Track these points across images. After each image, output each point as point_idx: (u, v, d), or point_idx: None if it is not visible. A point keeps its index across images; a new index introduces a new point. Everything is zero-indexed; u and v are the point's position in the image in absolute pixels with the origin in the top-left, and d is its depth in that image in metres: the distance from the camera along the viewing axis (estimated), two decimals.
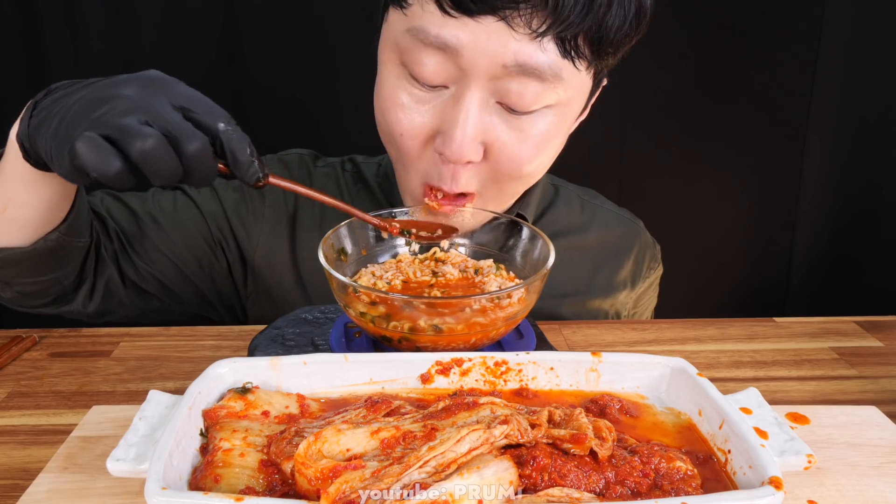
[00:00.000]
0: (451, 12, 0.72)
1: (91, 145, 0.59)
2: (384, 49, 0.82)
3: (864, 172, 1.65)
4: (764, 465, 0.53)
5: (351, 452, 0.53)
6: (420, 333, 0.71)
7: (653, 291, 1.19)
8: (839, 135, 1.63)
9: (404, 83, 0.80)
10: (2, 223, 0.80)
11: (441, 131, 0.79)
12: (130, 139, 0.59)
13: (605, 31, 0.74)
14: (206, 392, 0.62)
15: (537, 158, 0.82)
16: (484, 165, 0.82)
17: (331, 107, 1.60)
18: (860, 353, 0.87)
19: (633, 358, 0.69)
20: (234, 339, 0.91)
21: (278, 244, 1.03)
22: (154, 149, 0.59)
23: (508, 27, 0.72)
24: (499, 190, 0.86)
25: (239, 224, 1.02)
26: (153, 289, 0.99)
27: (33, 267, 0.84)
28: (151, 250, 0.97)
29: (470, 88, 0.76)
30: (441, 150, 0.79)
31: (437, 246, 0.87)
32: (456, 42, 0.73)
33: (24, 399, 0.77)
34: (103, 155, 0.59)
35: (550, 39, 0.72)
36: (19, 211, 0.79)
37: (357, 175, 1.08)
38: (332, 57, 1.56)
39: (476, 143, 0.79)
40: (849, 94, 1.60)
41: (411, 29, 0.75)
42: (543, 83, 0.75)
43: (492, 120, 0.78)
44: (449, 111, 0.78)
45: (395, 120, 0.81)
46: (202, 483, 0.53)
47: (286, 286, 1.03)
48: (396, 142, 0.83)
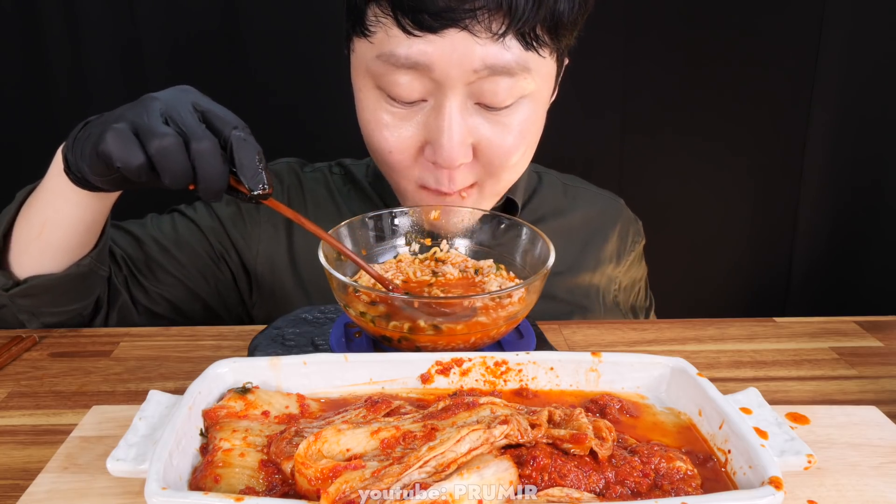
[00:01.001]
0: (415, 32, 0.75)
1: (118, 136, 0.64)
2: (357, 76, 0.85)
3: (865, 172, 1.65)
4: (764, 465, 0.53)
5: (351, 452, 0.53)
6: (420, 333, 0.71)
7: (639, 262, 1.22)
8: (839, 135, 1.63)
9: (384, 104, 0.83)
10: (37, 247, 0.84)
11: (429, 142, 0.82)
12: (151, 136, 0.64)
13: (558, 16, 0.78)
14: (206, 392, 0.62)
15: (522, 147, 0.86)
16: (475, 163, 0.85)
17: (331, 109, 1.60)
18: (860, 353, 0.87)
19: (633, 358, 0.69)
20: (234, 339, 0.91)
21: (277, 249, 1.05)
22: (168, 147, 0.63)
23: (471, 34, 0.75)
24: (495, 181, 0.89)
25: (238, 235, 1.05)
26: (163, 310, 1.01)
27: (61, 296, 0.88)
28: (159, 272, 1.00)
29: (448, 97, 0.79)
30: (433, 160, 0.82)
31: (436, 246, 0.88)
32: (426, 59, 0.76)
33: (24, 399, 0.77)
34: (129, 147, 0.64)
35: (512, 37, 0.76)
36: (54, 233, 0.82)
37: (347, 177, 1.10)
38: (333, 58, 1.56)
39: (464, 146, 0.82)
40: (849, 93, 1.60)
41: (381, 55, 0.79)
42: (514, 77, 0.78)
43: (474, 121, 0.82)
44: (433, 122, 0.81)
45: (382, 139, 0.84)
46: (202, 483, 0.53)
47: (288, 289, 1.05)
48: (387, 159, 0.87)
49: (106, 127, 0.66)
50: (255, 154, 0.65)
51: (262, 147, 0.67)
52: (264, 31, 1.54)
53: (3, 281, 0.85)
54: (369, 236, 0.86)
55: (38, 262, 0.84)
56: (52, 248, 0.84)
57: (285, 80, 1.58)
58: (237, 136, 0.65)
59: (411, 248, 0.88)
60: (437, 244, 0.88)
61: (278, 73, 1.57)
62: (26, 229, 0.84)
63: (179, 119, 0.65)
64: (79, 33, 1.50)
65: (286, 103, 1.60)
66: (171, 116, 0.65)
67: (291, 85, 1.59)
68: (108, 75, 1.52)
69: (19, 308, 0.88)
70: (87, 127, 0.73)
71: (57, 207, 0.81)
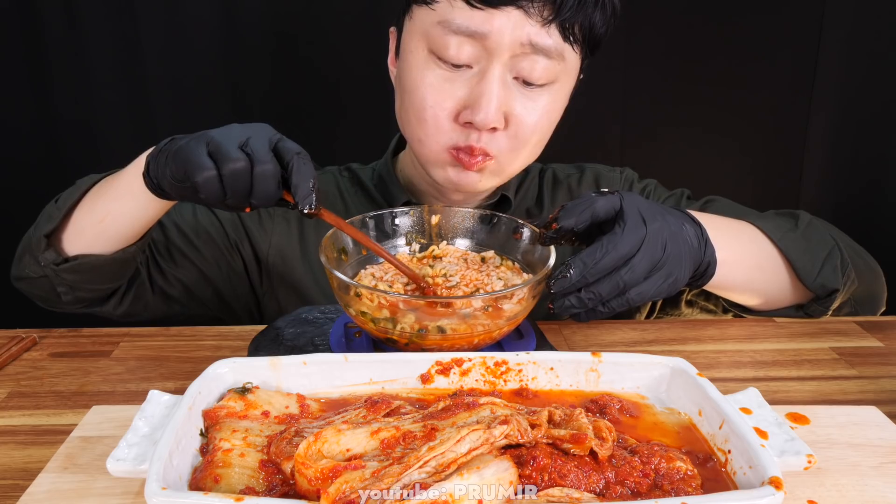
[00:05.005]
0: (479, 6, 0.86)
1: (198, 156, 0.73)
2: (411, 40, 0.93)
3: (865, 172, 1.65)
4: (764, 465, 0.53)
5: (351, 452, 0.53)
6: (425, 336, 0.71)
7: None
8: (839, 134, 1.63)
9: (431, 66, 0.91)
10: (94, 233, 0.92)
11: (468, 105, 0.90)
12: (225, 159, 0.72)
13: (593, 23, 0.91)
14: (206, 392, 0.63)
15: (539, 132, 0.95)
16: (502, 134, 0.92)
17: (330, 111, 1.60)
18: (860, 353, 0.87)
19: (633, 358, 0.69)
20: (234, 339, 0.91)
21: (290, 241, 1.10)
22: (238, 170, 0.72)
23: (525, 15, 0.87)
24: (511, 158, 0.95)
25: (253, 226, 1.10)
26: (177, 292, 1.07)
27: (103, 275, 0.95)
28: (177, 255, 1.06)
29: (493, 65, 0.88)
30: (470, 119, 0.89)
31: (433, 246, 0.88)
32: (484, 29, 0.86)
33: (24, 399, 0.77)
34: (205, 166, 0.72)
35: (555, 27, 0.88)
36: (114, 224, 0.91)
37: (354, 179, 1.16)
38: (333, 59, 1.56)
39: (500, 112, 0.90)
40: (849, 92, 1.60)
41: (442, 21, 0.88)
42: (550, 60, 0.89)
43: (510, 93, 0.90)
44: (475, 86, 0.89)
45: (425, 95, 0.91)
46: (202, 483, 0.53)
47: (297, 280, 1.09)
48: (423, 116, 0.92)
49: (190, 145, 0.75)
50: (311, 178, 0.73)
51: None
52: (264, 31, 1.54)
53: (54, 256, 0.92)
54: (370, 236, 0.86)
55: (90, 244, 0.92)
56: (107, 236, 0.92)
57: (284, 80, 1.58)
58: (298, 160, 0.73)
59: (412, 247, 0.88)
60: (436, 243, 0.88)
61: (278, 74, 1.57)
62: (88, 215, 0.92)
63: (254, 145, 0.73)
64: (79, 33, 1.50)
65: (286, 103, 1.60)
66: (248, 142, 0.74)
67: (291, 85, 1.59)
68: (108, 75, 1.52)
69: (61, 281, 0.94)
70: (173, 141, 0.81)
71: (124, 202, 0.89)
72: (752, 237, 0.93)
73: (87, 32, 1.50)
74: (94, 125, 1.55)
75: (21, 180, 1.58)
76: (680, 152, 1.66)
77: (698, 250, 0.81)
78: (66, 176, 0.99)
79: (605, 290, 0.74)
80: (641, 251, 0.74)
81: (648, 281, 0.76)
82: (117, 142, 1.55)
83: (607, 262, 0.73)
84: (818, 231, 0.96)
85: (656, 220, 0.76)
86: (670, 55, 1.58)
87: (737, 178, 1.68)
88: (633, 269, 0.74)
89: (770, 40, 1.57)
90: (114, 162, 0.95)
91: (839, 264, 0.93)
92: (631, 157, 1.64)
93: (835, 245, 0.95)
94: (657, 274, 0.76)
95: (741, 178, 1.68)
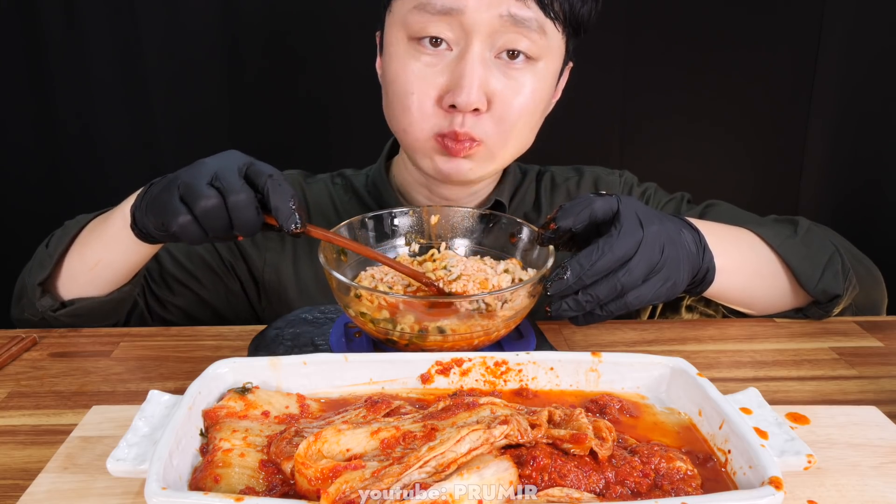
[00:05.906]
0: None
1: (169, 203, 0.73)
2: (391, 32, 0.93)
3: (864, 170, 1.65)
4: (764, 465, 0.53)
5: (351, 452, 0.53)
6: (425, 337, 0.71)
7: None
8: (839, 134, 1.63)
9: (412, 52, 0.91)
10: (87, 279, 0.93)
11: (450, 89, 0.89)
12: (196, 199, 0.72)
13: (572, 1, 0.90)
14: (206, 392, 0.63)
15: (526, 114, 0.93)
16: (487, 117, 0.91)
17: (330, 111, 1.60)
18: (860, 353, 0.87)
19: (633, 358, 0.69)
20: (234, 339, 0.91)
21: (283, 257, 1.09)
22: (209, 207, 0.72)
23: None
24: (500, 142, 0.93)
25: (247, 245, 1.09)
26: (176, 318, 1.07)
27: (101, 314, 0.96)
28: (172, 283, 1.06)
29: (472, 44, 0.88)
30: (452, 101, 0.89)
31: (432, 247, 0.88)
32: (459, 4, 0.86)
33: (24, 399, 0.77)
34: (178, 212, 0.73)
35: (533, 1, 0.87)
36: (106, 270, 0.92)
37: (347, 187, 1.14)
38: (333, 61, 1.56)
39: (481, 92, 0.89)
40: (849, 91, 1.60)
41: (418, 5, 0.88)
42: (531, 32, 0.89)
43: (491, 73, 0.90)
44: (455, 67, 0.89)
45: (407, 82, 0.91)
46: (202, 483, 0.53)
47: (293, 296, 1.08)
48: (406, 104, 0.92)
49: (161, 194, 0.76)
50: (289, 198, 0.73)
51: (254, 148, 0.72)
52: (264, 31, 1.54)
53: (51, 303, 0.94)
54: (369, 237, 0.86)
55: (84, 289, 0.94)
56: (101, 280, 0.93)
57: (284, 80, 1.58)
58: (272, 183, 0.73)
59: (411, 248, 0.88)
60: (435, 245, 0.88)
61: (278, 74, 1.57)
62: (79, 263, 0.93)
63: (223, 177, 0.73)
64: (79, 33, 1.50)
65: (286, 102, 1.60)
66: (217, 175, 0.74)
67: (291, 85, 1.59)
68: (108, 76, 1.52)
69: (61, 324, 0.95)
70: (151, 188, 0.82)
71: (114, 250, 0.91)
72: (752, 244, 0.92)
73: (86, 32, 1.50)
74: (93, 125, 1.55)
75: (19, 178, 1.58)
76: (680, 153, 1.66)
77: (696, 256, 0.80)
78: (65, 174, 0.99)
79: (603, 293, 0.73)
80: (639, 254, 0.73)
81: (646, 284, 0.75)
82: (117, 141, 1.55)
83: (604, 263, 0.72)
84: (818, 237, 0.96)
85: (654, 224, 0.75)
86: (670, 56, 1.58)
87: (737, 178, 1.68)
88: (630, 272, 0.73)
89: (770, 40, 1.57)
90: (113, 162, 0.96)
91: (840, 269, 0.92)
92: (630, 159, 1.64)
93: (835, 251, 0.94)
94: (655, 277, 0.75)
95: (741, 179, 1.68)
